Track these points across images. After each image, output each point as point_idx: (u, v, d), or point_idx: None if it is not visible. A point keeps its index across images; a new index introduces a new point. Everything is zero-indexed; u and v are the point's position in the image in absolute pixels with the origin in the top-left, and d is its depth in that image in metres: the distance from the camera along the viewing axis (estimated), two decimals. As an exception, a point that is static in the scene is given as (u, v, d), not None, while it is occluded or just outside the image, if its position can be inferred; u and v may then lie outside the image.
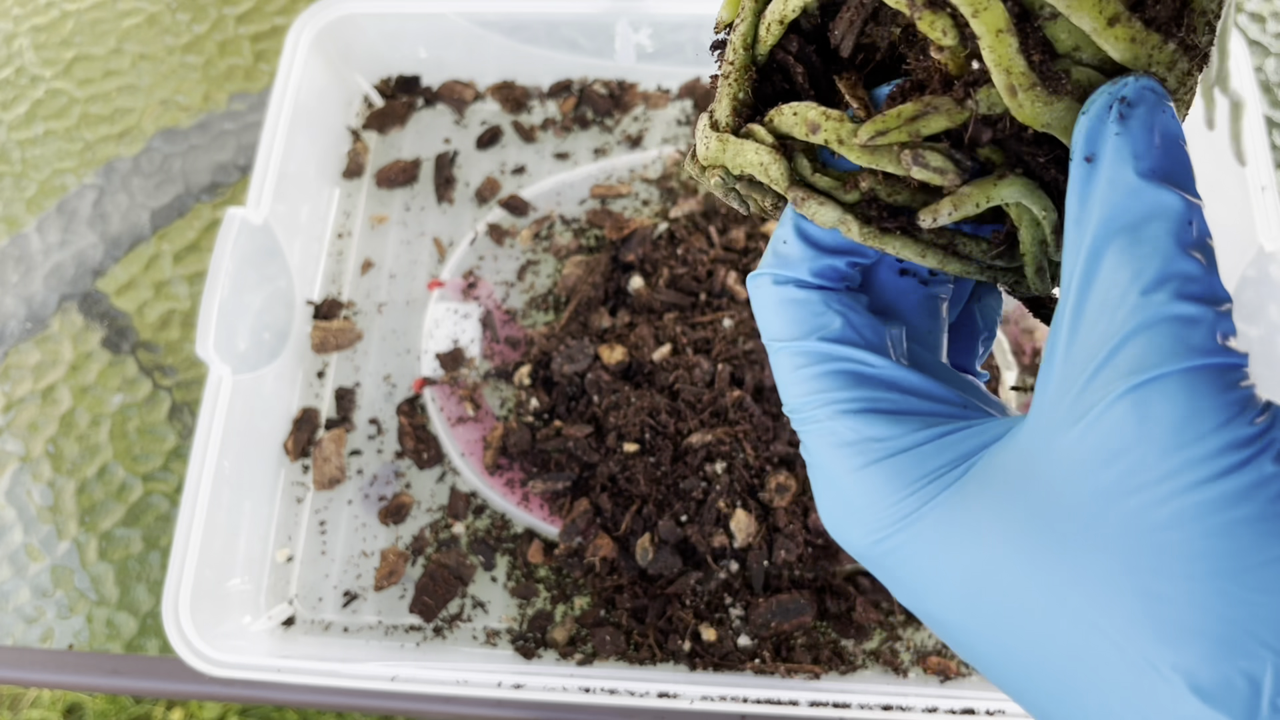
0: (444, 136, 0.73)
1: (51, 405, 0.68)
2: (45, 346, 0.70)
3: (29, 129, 0.77)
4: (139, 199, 0.74)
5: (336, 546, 0.62)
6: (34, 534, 0.64)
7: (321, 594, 0.61)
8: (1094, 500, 0.20)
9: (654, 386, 0.61)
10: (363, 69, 0.74)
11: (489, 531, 0.61)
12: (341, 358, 0.67)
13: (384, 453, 0.64)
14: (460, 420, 0.64)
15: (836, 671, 0.56)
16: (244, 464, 0.60)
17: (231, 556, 0.58)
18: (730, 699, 0.52)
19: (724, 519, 0.57)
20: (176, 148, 0.75)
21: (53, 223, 0.74)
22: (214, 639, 0.54)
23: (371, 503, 0.63)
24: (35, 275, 0.72)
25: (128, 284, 0.71)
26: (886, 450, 0.24)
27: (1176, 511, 0.19)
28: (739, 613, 0.58)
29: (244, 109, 0.77)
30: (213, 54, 0.79)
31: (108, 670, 0.60)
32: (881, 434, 0.24)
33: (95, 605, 0.63)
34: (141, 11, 0.81)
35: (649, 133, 0.72)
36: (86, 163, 0.76)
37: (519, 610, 0.59)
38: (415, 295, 0.68)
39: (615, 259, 0.66)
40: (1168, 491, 0.20)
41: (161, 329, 0.70)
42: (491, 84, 0.74)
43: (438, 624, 0.59)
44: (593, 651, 0.57)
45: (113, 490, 0.65)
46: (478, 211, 0.70)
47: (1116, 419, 0.20)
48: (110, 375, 0.68)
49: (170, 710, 0.95)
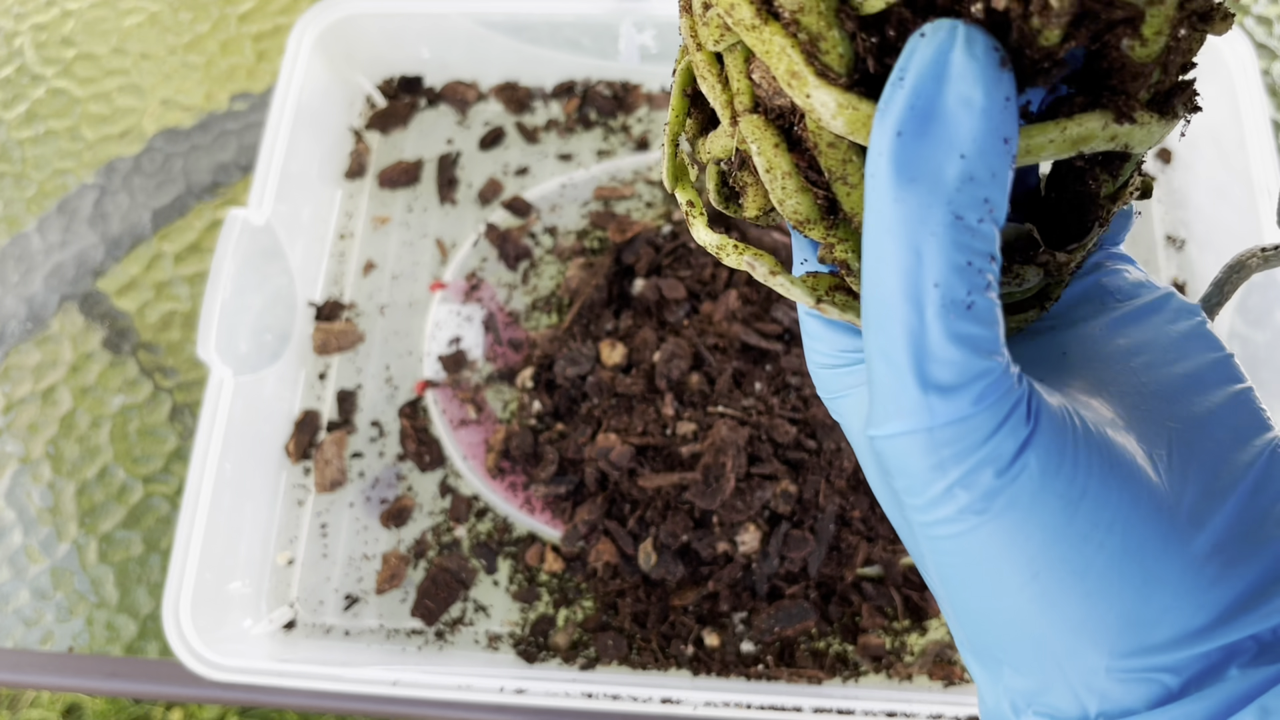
0: (446, 137, 0.73)
1: (52, 406, 0.67)
2: (46, 347, 0.69)
3: (30, 128, 0.77)
4: (140, 199, 0.74)
5: (338, 549, 0.61)
6: (34, 536, 0.64)
7: (322, 597, 0.60)
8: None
9: (656, 389, 0.60)
10: (365, 69, 0.74)
11: (491, 535, 0.61)
12: (343, 359, 0.67)
13: (385, 455, 0.64)
14: (462, 423, 0.64)
15: (840, 677, 0.56)
16: (245, 466, 0.60)
17: (232, 559, 0.58)
18: (734, 705, 0.51)
19: (730, 526, 0.57)
20: (178, 147, 0.75)
21: (53, 222, 0.73)
22: (214, 642, 0.54)
23: (373, 505, 0.62)
24: (36, 275, 0.72)
25: (128, 284, 0.71)
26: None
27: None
28: (742, 617, 0.57)
29: (246, 109, 0.76)
30: (214, 53, 0.78)
31: (107, 673, 0.60)
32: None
33: (95, 607, 0.62)
34: (143, 11, 0.80)
35: (653, 134, 0.71)
36: (87, 162, 0.75)
37: (521, 614, 0.59)
38: (417, 297, 0.68)
39: (618, 261, 0.66)
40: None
41: (162, 330, 0.69)
42: (494, 84, 0.74)
43: (439, 628, 0.59)
44: (595, 656, 0.57)
45: (113, 492, 0.65)
46: (480, 212, 0.70)
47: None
48: (111, 376, 0.68)
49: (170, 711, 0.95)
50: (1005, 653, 0.23)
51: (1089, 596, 0.21)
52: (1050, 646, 0.22)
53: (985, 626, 0.23)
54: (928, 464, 0.21)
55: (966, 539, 0.22)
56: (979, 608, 0.23)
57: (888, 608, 0.57)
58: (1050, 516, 0.21)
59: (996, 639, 0.23)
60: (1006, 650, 0.23)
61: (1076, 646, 0.22)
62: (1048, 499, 0.21)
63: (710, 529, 0.56)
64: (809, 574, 0.57)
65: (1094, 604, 0.21)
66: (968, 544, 0.22)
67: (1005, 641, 0.23)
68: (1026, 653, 0.22)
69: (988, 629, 0.23)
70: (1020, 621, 0.22)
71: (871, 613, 0.57)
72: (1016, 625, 0.22)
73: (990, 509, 0.21)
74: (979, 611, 0.23)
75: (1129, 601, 0.21)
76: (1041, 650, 0.22)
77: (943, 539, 0.22)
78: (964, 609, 0.23)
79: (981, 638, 0.23)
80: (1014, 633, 0.22)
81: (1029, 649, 0.22)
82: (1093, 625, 0.21)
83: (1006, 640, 0.23)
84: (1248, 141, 0.60)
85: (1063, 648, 0.22)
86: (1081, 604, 0.21)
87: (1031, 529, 0.21)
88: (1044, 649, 0.22)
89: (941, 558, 0.22)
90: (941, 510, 0.21)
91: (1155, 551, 0.22)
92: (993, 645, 0.23)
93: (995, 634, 0.23)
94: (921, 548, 0.23)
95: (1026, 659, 0.23)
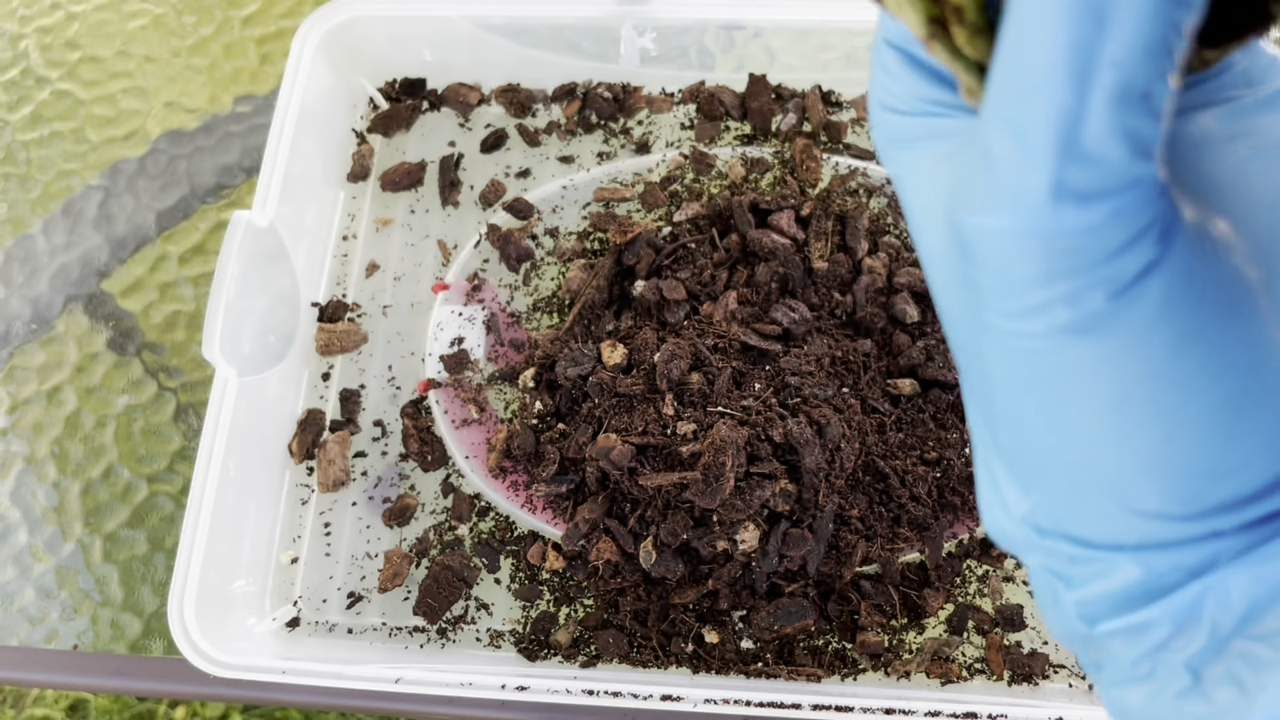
0: (449, 140, 0.74)
1: (56, 406, 0.68)
2: (50, 348, 0.70)
3: (35, 130, 0.77)
4: (144, 201, 0.74)
5: (341, 548, 0.62)
6: (39, 535, 0.65)
7: (326, 595, 0.61)
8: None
9: (657, 389, 0.61)
10: (368, 72, 0.74)
11: (493, 534, 0.62)
12: (346, 360, 0.67)
13: (388, 455, 0.64)
14: (464, 423, 0.64)
15: (838, 675, 0.56)
16: (249, 466, 0.60)
17: (236, 558, 0.59)
18: (733, 701, 0.52)
19: (730, 525, 0.57)
20: (182, 150, 0.76)
21: (58, 224, 0.74)
22: (218, 640, 0.55)
23: (376, 505, 0.63)
24: (41, 276, 0.72)
25: (133, 285, 0.72)
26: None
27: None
28: (741, 615, 0.58)
29: (249, 111, 0.77)
30: (218, 56, 0.79)
31: (112, 671, 0.61)
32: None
33: (100, 606, 0.63)
34: (147, 14, 0.81)
35: (653, 136, 0.72)
36: (92, 164, 0.76)
37: (523, 612, 0.59)
38: (420, 298, 0.68)
39: (619, 262, 0.66)
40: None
41: (167, 330, 0.70)
42: (496, 87, 0.75)
43: (441, 626, 0.59)
44: (596, 654, 0.57)
45: (118, 491, 0.65)
46: (482, 214, 0.71)
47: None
48: (115, 376, 0.69)
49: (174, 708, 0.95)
50: (1047, 473, 0.21)
51: (1169, 440, 0.19)
52: (1105, 478, 0.20)
53: (1035, 442, 0.21)
54: (1034, 270, 0.18)
55: (1051, 355, 0.19)
56: (1035, 423, 0.20)
57: (886, 606, 0.58)
58: (1156, 351, 0.18)
59: (1043, 458, 0.21)
60: (1050, 471, 0.21)
61: (1135, 484, 0.20)
62: (1160, 332, 0.18)
63: (710, 528, 0.57)
64: (808, 572, 0.57)
65: (1171, 447, 0.19)
66: (1051, 360, 0.19)
67: (1053, 462, 0.20)
68: (1074, 478, 0.20)
69: (1037, 446, 0.21)
70: (1080, 447, 0.20)
71: (870, 611, 0.57)
72: (1074, 450, 0.20)
73: (1092, 332, 0.18)
74: (1034, 427, 0.20)
75: (1208, 453, 0.19)
76: (1093, 480, 0.20)
77: (1022, 349, 0.19)
78: (1014, 419, 0.21)
79: (1025, 452, 0.21)
80: (1067, 456, 0.20)
81: (1079, 475, 0.20)
82: (1162, 467, 0.19)
83: (1055, 461, 0.20)
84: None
85: (1119, 482, 0.20)
86: (1158, 445, 0.19)
87: (1131, 361, 0.18)
88: (1097, 479, 0.20)
89: (1012, 365, 0.20)
90: (1034, 322, 0.18)
91: (1253, 404, 0.19)
92: (1036, 463, 0.21)
93: (1043, 453, 0.21)
94: (987, 346, 0.20)
95: (1071, 484, 0.20)
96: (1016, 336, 0.19)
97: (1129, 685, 0.22)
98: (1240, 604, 0.20)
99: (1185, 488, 0.19)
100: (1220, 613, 0.20)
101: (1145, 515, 0.20)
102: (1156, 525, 0.20)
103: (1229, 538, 0.20)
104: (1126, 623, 0.21)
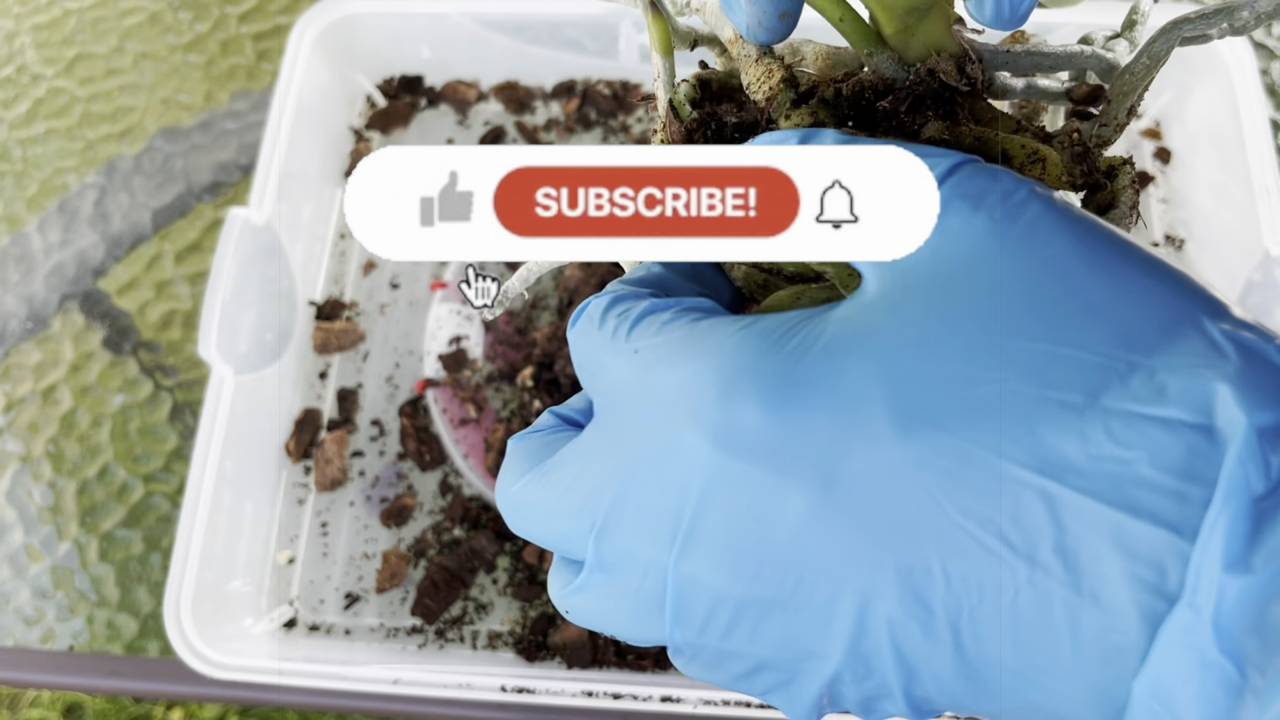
0: (447, 137, 0.73)
1: (52, 405, 0.68)
2: (46, 346, 0.70)
3: (30, 127, 0.77)
4: (140, 198, 0.74)
5: (338, 548, 0.62)
6: (34, 535, 0.64)
7: (323, 596, 0.61)
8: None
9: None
10: (365, 69, 0.74)
11: (491, 534, 0.61)
12: (344, 359, 0.67)
13: (386, 454, 0.64)
14: (463, 422, 0.64)
15: (839, 676, 0.56)
16: (246, 465, 0.60)
17: (233, 558, 0.58)
18: (732, 703, 0.52)
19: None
20: (178, 147, 0.75)
21: (54, 222, 0.74)
22: (215, 641, 0.54)
23: (373, 505, 0.62)
24: (36, 275, 0.72)
25: (129, 284, 0.71)
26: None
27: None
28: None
29: (246, 108, 0.76)
30: (215, 53, 0.78)
31: (108, 672, 0.60)
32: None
33: (96, 606, 0.62)
34: (143, 10, 0.80)
35: (653, 133, 0.72)
36: (88, 161, 0.75)
37: (521, 613, 0.59)
38: (418, 296, 0.68)
39: (617, 261, 0.66)
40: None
41: (163, 329, 0.69)
42: (495, 84, 0.74)
43: (439, 626, 0.59)
44: (595, 655, 0.57)
45: (113, 491, 0.65)
46: (480, 212, 0.70)
47: None
48: (111, 375, 0.68)
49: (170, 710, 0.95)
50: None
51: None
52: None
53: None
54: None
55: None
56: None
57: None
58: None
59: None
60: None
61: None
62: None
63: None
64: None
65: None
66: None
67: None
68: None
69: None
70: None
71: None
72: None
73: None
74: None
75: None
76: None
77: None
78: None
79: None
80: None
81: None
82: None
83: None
84: (1246, 141, 0.60)
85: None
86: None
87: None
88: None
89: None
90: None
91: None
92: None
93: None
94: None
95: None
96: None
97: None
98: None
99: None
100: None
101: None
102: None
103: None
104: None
